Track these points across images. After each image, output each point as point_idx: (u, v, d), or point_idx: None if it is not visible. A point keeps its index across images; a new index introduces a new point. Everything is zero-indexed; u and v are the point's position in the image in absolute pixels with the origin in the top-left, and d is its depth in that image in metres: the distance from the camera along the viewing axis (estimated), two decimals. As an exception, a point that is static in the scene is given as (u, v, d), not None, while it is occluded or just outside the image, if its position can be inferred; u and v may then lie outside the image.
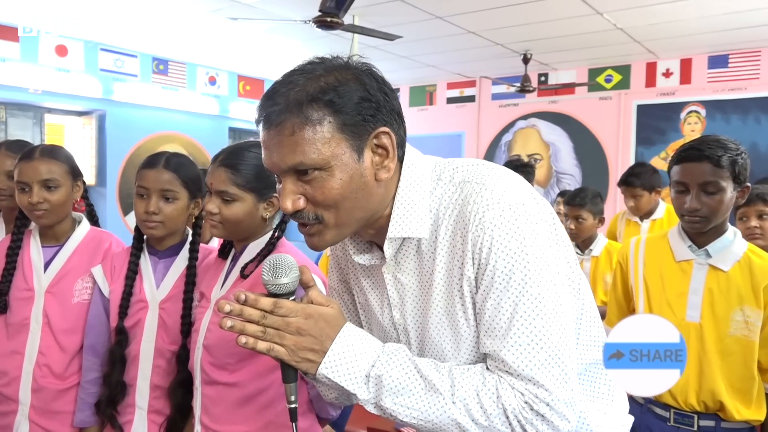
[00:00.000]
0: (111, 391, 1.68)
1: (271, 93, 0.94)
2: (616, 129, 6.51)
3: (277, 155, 0.93)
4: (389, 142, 0.96)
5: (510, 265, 0.92)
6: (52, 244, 1.87)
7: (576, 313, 1.04)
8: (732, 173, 1.69)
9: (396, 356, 0.95)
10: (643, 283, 1.88)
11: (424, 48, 5.76)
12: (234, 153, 1.51)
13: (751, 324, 1.71)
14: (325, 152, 0.91)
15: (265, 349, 0.91)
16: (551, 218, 1.00)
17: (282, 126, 0.91)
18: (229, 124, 6.87)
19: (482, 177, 0.98)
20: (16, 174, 1.80)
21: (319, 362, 0.93)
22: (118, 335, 1.69)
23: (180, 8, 4.66)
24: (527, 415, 0.90)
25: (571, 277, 1.02)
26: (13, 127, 5.36)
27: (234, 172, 1.48)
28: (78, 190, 1.87)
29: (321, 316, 0.93)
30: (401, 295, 1.05)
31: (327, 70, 0.94)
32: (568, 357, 0.93)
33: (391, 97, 0.98)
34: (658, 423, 1.81)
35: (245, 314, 0.91)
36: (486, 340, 0.95)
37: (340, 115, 0.92)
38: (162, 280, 1.73)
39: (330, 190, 0.93)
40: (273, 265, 0.94)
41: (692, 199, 1.72)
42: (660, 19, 4.88)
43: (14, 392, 1.78)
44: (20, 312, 1.81)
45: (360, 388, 0.93)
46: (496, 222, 0.93)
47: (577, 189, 3.43)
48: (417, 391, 0.93)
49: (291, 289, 0.95)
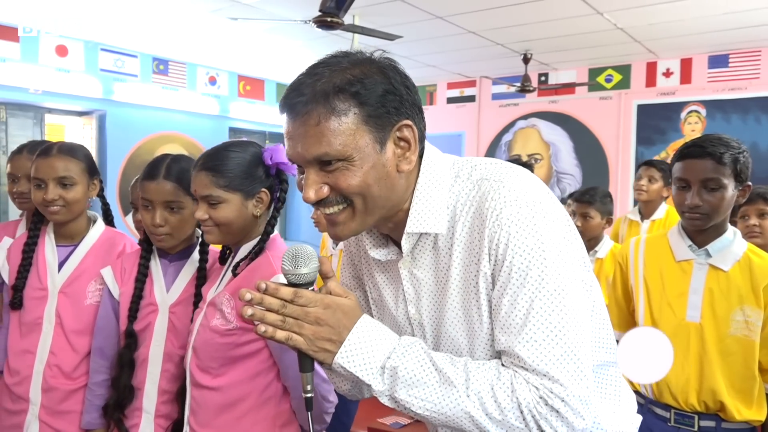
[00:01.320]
0: (119, 395, 1.67)
1: (296, 84, 0.95)
2: (616, 129, 6.51)
3: (302, 146, 0.94)
4: (411, 135, 0.98)
5: (527, 262, 0.93)
6: (66, 243, 1.87)
7: (588, 313, 1.04)
8: (734, 171, 1.70)
9: (412, 349, 0.95)
10: (643, 284, 1.88)
11: (424, 48, 5.76)
12: (213, 155, 1.49)
13: (751, 324, 1.71)
14: (350, 143, 0.93)
15: (283, 338, 0.91)
16: (566, 218, 1.01)
17: (308, 116, 0.93)
18: (229, 124, 6.87)
19: (500, 175, 0.99)
20: (33, 170, 1.79)
21: (335, 352, 0.93)
22: (128, 339, 1.68)
23: (180, 8, 4.66)
24: (542, 410, 0.90)
25: (584, 278, 1.03)
26: (13, 127, 5.36)
27: (215, 174, 1.45)
28: (94, 188, 1.87)
29: (339, 306, 0.94)
30: (417, 291, 1.06)
31: (352, 63, 0.96)
32: (584, 354, 0.93)
33: (413, 92, 0.99)
34: (659, 423, 1.81)
35: (265, 303, 0.91)
36: (501, 336, 0.95)
37: (365, 106, 0.93)
38: (172, 284, 1.71)
39: (353, 181, 0.94)
40: (293, 255, 0.95)
41: (693, 196, 1.72)
42: (660, 18, 4.87)
43: (25, 391, 1.79)
44: (33, 311, 1.81)
45: (375, 379, 0.94)
46: (514, 219, 0.94)
47: (588, 187, 3.40)
48: (431, 383, 0.93)
49: (310, 279, 0.96)
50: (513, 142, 7.17)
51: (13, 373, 1.81)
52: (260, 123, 7.21)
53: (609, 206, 3.17)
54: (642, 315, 1.87)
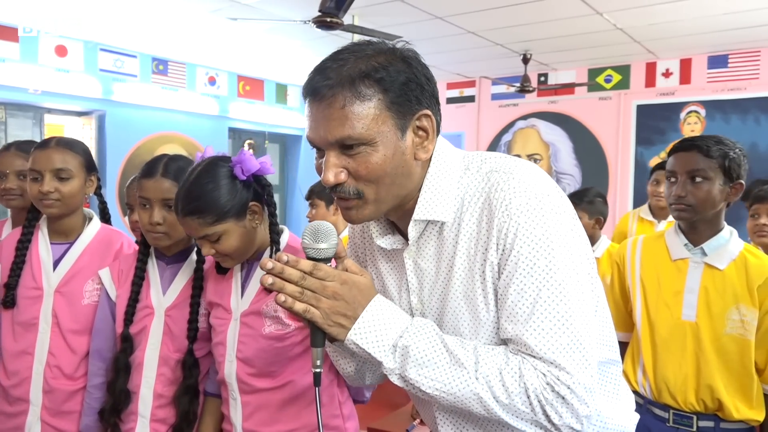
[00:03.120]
0: (115, 400, 1.66)
1: (321, 68, 0.98)
2: (615, 129, 6.51)
3: (324, 128, 0.96)
4: (430, 124, 1.01)
5: (535, 252, 0.95)
6: (61, 241, 1.83)
7: (593, 305, 1.05)
8: (722, 166, 1.71)
9: (424, 329, 0.97)
10: (640, 283, 1.89)
11: (423, 48, 5.71)
12: (188, 197, 1.43)
13: (747, 323, 1.72)
14: (373, 128, 0.95)
15: (301, 310, 0.93)
16: (573, 212, 1.03)
17: (333, 99, 0.95)
18: (228, 124, 6.86)
19: (510, 167, 1.01)
20: (30, 162, 1.76)
21: (349, 328, 0.95)
22: (123, 343, 1.67)
23: (180, 8, 4.66)
24: (548, 396, 0.92)
25: (590, 272, 1.04)
26: (12, 127, 5.36)
27: (200, 216, 1.42)
28: (91, 185, 1.84)
29: (355, 283, 0.96)
30: (420, 281, 1.07)
31: (376, 51, 0.99)
32: (590, 343, 0.95)
33: (432, 83, 1.02)
34: (657, 424, 1.81)
35: (286, 274, 0.93)
36: (508, 324, 0.97)
37: (388, 93, 0.96)
38: (168, 287, 1.69)
39: (374, 165, 0.96)
40: (314, 231, 0.97)
41: (679, 186, 1.74)
42: (660, 19, 4.87)
43: (25, 393, 1.76)
44: (28, 311, 1.77)
45: (387, 356, 0.95)
46: (523, 209, 0.96)
47: (581, 188, 3.38)
48: (442, 364, 0.95)
49: (329, 255, 0.97)
50: (512, 142, 7.17)
51: (11, 374, 1.77)
52: (260, 123, 7.21)
53: (598, 207, 3.11)
54: (639, 314, 1.88)
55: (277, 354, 1.50)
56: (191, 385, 1.63)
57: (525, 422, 0.94)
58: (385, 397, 2.82)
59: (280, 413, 1.52)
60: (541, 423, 0.93)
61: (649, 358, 1.84)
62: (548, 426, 0.93)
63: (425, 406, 1.15)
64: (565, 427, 0.93)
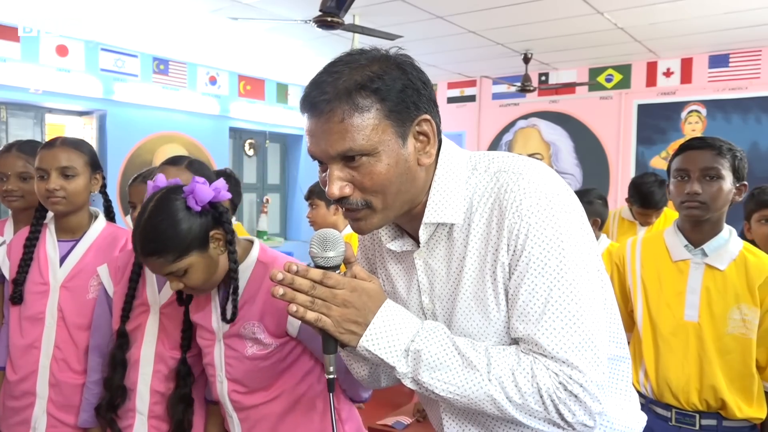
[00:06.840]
0: (111, 395, 1.66)
1: (317, 83, 0.97)
2: (616, 128, 6.51)
3: (326, 142, 0.96)
4: (430, 129, 1.00)
5: (546, 252, 0.95)
6: (68, 238, 1.87)
7: (602, 303, 1.06)
8: (732, 165, 1.73)
9: (435, 333, 0.97)
10: (641, 284, 1.88)
11: (424, 48, 5.76)
12: (146, 238, 1.38)
13: (748, 322, 1.72)
14: (373, 138, 0.95)
15: (313, 319, 0.93)
16: (582, 210, 1.03)
17: (332, 113, 0.94)
18: (229, 124, 6.86)
19: (519, 167, 1.01)
20: (36, 161, 1.80)
21: (361, 335, 0.96)
22: (119, 338, 1.68)
23: (180, 8, 4.66)
24: (561, 394, 0.92)
25: (599, 268, 1.05)
26: (13, 127, 5.36)
27: (161, 256, 1.37)
28: (96, 183, 1.88)
29: (364, 290, 0.96)
30: (431, 281, 1.08)
31: (370, 60, 0.98)
32: (600, 342, 0.96)
33: (428, 87, 1.01)
34: (660, 423, 1.81)
35: (296, 284, 0.93)
36: (519, 324, 0.97)
37: (386, 102, 0.95)
38: (165, 284, 1.70)
39: (377, 175, 0.96)
40: (321, 239, 0.97)
41: (693, 183, 1.74)
42: (660, 18, 4.87)
43: (32, 386, 1.79)
44: (35, 305, 1.81)
45: (399, 361, 0.96)
46: (533, 210, 0.96)
47: (583, 189, 3.36)
48: (454, 366, 0.95)
49: (337, 263, 0.98)
50: (513, 141, 7.17)
51: (17, 369, 1.81)
52: (260, 123, 7.21)
53: (597, 208, 3.06)
54: (641, 315, 1.88)
55: (265, 371, 1.51)
56: (185, 394, 1.63)
57: (539, 420, 0.95)
58: (386, 397, 2.82)
59: (281, 424, 1.53)
60: (555, 421, 0.94)
61: (650, 358, 1.84)
62: (561, 424, 0.94)
63: (432, 407, 1.15)
64: (578, 425, 0.94)
